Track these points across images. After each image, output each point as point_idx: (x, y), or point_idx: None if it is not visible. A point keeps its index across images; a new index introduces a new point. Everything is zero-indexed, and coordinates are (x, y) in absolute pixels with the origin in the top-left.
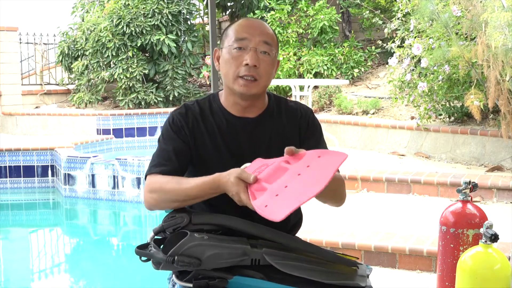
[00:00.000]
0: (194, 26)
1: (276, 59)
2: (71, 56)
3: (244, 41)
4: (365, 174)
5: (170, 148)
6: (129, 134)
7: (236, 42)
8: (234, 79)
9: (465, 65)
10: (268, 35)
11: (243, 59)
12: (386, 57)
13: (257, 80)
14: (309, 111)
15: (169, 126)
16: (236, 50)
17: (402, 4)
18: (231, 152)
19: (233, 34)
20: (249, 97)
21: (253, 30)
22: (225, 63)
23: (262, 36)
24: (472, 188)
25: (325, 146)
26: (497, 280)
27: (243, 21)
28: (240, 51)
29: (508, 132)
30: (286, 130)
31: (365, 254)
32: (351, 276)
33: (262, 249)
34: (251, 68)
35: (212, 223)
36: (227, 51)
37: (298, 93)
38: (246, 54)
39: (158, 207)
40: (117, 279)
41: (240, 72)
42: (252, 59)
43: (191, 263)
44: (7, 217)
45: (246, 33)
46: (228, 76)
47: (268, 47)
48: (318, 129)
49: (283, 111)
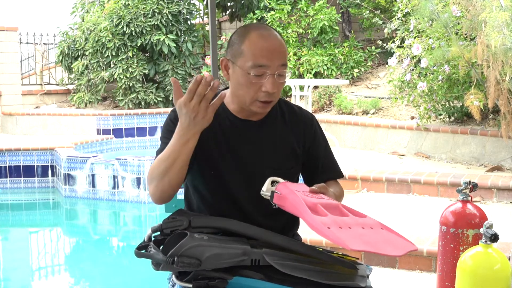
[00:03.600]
0: (194, 26)
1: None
2: (71, 56)
3: (263, 67)
4: (365, 174)
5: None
6: (129, 134)
7: (254, 69)
8: (251, 102)
9: (465, 65)
10: (284, 55)
11: (261, 84)
12: (386, 57)
13: (273, 101)
14: (314, 119)
15: (170, 121)
16: (254, 76)
17: (402, 4)
18: (232, 153)
19: (251, 57)
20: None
21: (271, 54)
22: (240, 85)
23: (280, 60)
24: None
25: (331, 151)
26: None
27: (261, 42)
28: (258, 77)
29: (508, 132)
30: (290, 135)
31: (365, 254)
32: (351, 277)
33: (262, 249)
34: (270, 94)
35: (211, 226)
36: (243, 74)
37: (298, 93)
38: (264, 79)
39: (159, 193)
40: (117, 279)
41: (259, 98)
42: (272, 87)
43: (191, 263)
44: (7, 217)
45: (265, 58)
46: (244, 98)
47: (284, 67)
48: (324, 136)
49: (287, 115)
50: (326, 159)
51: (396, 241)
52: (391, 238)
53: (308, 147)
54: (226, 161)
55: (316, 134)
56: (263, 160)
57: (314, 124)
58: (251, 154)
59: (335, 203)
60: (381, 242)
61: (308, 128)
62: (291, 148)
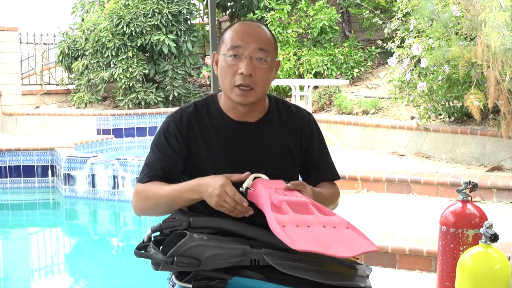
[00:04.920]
0: (194, 26)
1: (274, 64)
2: (71, 56)
3: (239, 49)
4: (365, 174)
5: (159, 166)
6: (129, 134)
7: (231, 49)
8: (230, 88)
9: (465, 65)
10: (264, 41)
11: (238, 67)
12: (386, 57)
13: (253, 88)
14: (311, 118)
15: (162, 133)
16: (231, 58)
17: (402, 4)
18: (228, 158)
19: (229, 41)
20: (247, 104)
21: (247, 37)
22: (221, 71)
23: (258, 43)
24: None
25: (327, 152)
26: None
27: (238, 26)
28: (235, 59)
29: (508, 132)
30: (287, 135)
31: (365, 254)
32: (350, 277)
33: (261, 249)
34: (247, 77)
35: (211, 226)
36: (223, 58)
37: (298, 93)
38: (241, 62)
39: (145, 213)
40: (117, 279)
41: (236, 81)
42: (247, 68)
43: (190, 263)
44: (7, 217)
45: (240, 40)
46: (224, 84)
47: (264, 53)
48: (321, 136)
49: (284, 115)
50: (320, 159)
51: (355, 241)
52: (352, 238)
53: (305, 147)
54: (224, 163)
55: (312, 133)
56: (261, 161)
57: (311, 122)
58: (248, 156)
59: (304, 201)
60: (336, 242)
61: (305, 127)
62: (288, 149)
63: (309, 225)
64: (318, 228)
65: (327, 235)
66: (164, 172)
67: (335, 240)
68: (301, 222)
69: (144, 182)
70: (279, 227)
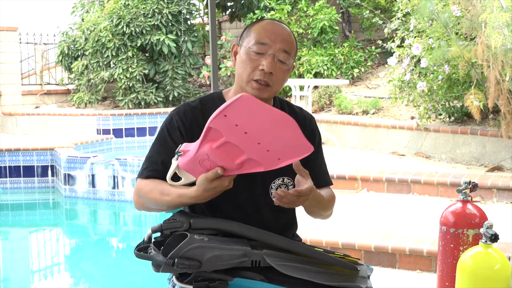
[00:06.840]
0: (194, 26)
1: (291, 67)
2: (71, 56)
3: (264, 46)
4: (365, 174)
5: (159, 160)
6: (129, 134)
7: (256, 45)
8: (248, 81)
9: (465, 65)
10: (288, 43)
11: (260, 63)
12: (386, 57)
13: (270, 86)
14: (313, 120)
15: (164, 126)
16: (254, 53)
17: (402, 4)
18: None
19: (254, 36)
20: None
21: (275, 36)
22: (241, 63)
23: (283, 44)
24: (472, 188)
25: (323, 157)
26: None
27: (267, 24)
28: (259, 55)
29: (508, 132)
30: None
31: (365, 254)
32: (351, 278)
33: (262, 250)
34: (267, 74)
35: (212, 227)
36: (245, 51)
37: (298, 93)
38: (264, 59)
39: (144, 210)
40: (117, 279)
41: (255, 76)
42: (268, 66)
43: (191, 265)
44: (7, 217)
45: (267, 38)
46: (242, 76)
47: (286, 56)
48: (319, 140)
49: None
50: (315, 164)
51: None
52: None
53: None
54: None
55: (312, 136)
56: None
57: (313, 125)
58: None
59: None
60: (282, 150)
61: (307, 128)
62: None
63: (259, 142)
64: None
65: (274, 146)
66: (164, 166)
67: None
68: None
69: (144, 176)
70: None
